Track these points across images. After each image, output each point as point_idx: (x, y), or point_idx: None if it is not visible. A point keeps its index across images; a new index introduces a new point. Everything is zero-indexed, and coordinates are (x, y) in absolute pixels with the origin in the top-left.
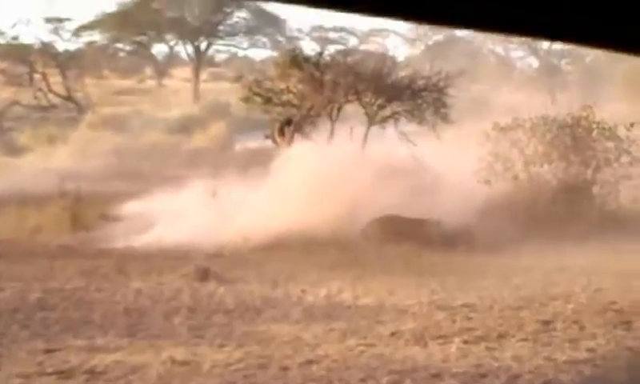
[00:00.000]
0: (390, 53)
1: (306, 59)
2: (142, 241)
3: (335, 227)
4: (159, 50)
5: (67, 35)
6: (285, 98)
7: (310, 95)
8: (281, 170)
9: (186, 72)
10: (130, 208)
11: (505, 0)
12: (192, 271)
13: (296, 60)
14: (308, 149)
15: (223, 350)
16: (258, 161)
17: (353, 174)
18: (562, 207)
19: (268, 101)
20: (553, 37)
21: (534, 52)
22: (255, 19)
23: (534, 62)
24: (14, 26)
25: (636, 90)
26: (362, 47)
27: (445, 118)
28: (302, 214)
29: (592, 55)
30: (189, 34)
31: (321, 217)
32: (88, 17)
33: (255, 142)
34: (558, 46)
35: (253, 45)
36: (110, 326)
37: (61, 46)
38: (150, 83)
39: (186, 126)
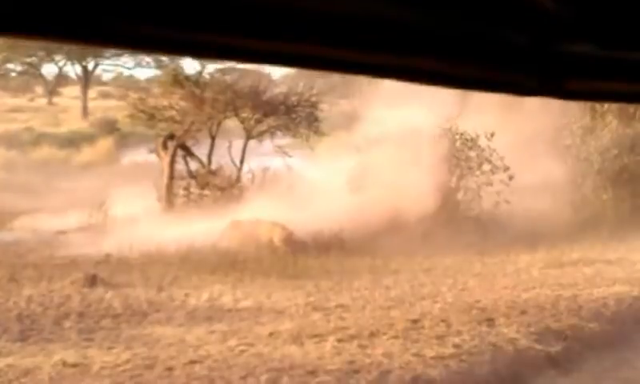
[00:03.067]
0: (266, 71)
1: (187, 78)
2: (33, 250)
3: (214, 235)
4: (49, 70)
5: None
6: (168, 114)
7: (191, 111)
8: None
9: (74, 90)
10: (22, 219)
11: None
12: (81, 278)
13: (177, 79)
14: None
15: (111, 352)
16: (144, 173)
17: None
18: (429, 213)
19: (152, 117)
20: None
21: None
22: None
23: None
24: None
25: (495, 103)
26: (240, 66)
27: (317, 132)
28: (184, 223)
29: None
30: (77, 54)
31: (201, 224)
32: None
33: (141, 156)
34: None
35: (138, 64)
36: (3, 331)
37: None
38: (41, 101)
39: (75, 142)
